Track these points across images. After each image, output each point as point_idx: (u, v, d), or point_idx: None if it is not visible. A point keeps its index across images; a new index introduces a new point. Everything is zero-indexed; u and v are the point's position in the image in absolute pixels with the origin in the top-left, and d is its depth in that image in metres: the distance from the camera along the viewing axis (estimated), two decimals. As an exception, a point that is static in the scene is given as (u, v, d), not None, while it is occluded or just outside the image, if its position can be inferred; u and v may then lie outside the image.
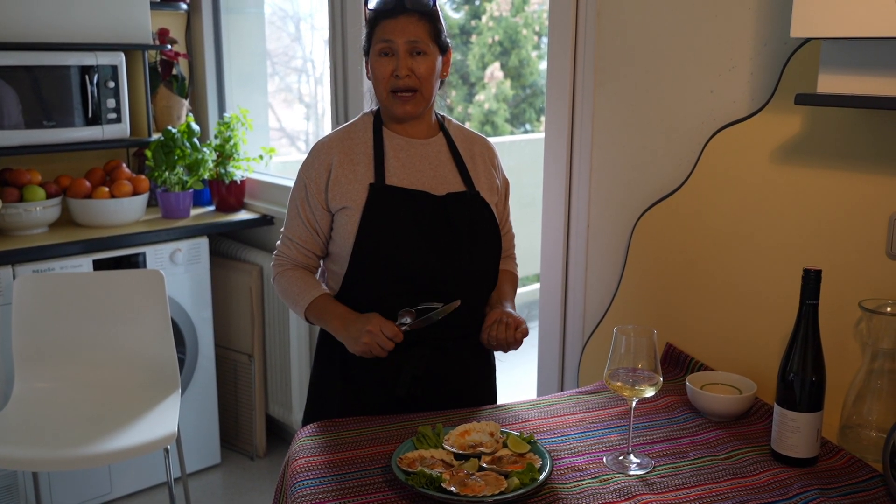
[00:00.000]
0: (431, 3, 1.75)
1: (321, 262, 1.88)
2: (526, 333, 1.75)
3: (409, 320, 1.68)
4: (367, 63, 1.80)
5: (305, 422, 1.86)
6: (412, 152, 1.80)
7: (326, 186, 1.76)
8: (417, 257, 1.72)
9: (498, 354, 1.91)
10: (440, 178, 1.79)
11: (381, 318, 1.67)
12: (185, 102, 3.50)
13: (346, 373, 1.81)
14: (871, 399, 1.57)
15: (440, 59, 1.77)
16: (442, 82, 1.84)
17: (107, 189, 3.08)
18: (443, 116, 1.90)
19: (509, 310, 1.79)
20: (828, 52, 1.54)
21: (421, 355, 1.76)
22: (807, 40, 1.68)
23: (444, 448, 1.51)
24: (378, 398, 1.78)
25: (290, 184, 1.84)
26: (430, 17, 1.74)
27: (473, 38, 8.42)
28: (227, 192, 3.37)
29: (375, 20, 1.75)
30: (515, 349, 1.77)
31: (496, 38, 8.29)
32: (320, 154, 1.79)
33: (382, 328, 1.64)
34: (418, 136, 1.82)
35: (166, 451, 2.45)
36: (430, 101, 1.79)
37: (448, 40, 1.80)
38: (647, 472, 1.49)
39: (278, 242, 1.86)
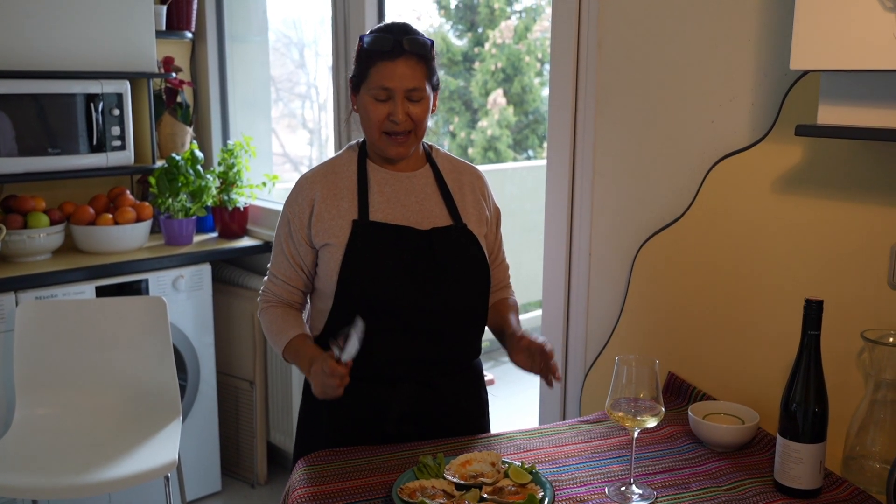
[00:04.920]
0: (430, 44, 1.71)
1: (307, 299, 1.85)
2: (552, 355, 1.68)
3: (337, 351, 1.56)
4: (352, 94, 1.76)
5: (295, 458, 1.83)
6: (397, 186, 1.76)
7: (309, 222, 1.73)
8: (401, 294, 1.69)
9: (492, 389, 1.88)
10: (426, 211, 1.76)
11: (323, 357, 1.58)
12: (189, 130, 3.53)
13: (332, 410, 1.77)
14: (875, 430, 1.57)
15: (432, 96, 1.74)
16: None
17: (110, 216, 3.10)
18: (430, 146, 1.87)
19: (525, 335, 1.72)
20: (828, 83, 1.55)
21: (408, 393, 1.74)
22: (807, 72, 1.69)
23: (445, 478, 1.51)
24: (366, 436, 1.74)
25: (293, 211, 1.84)
26: (428, 61, 1.70)
27: (476, 65, 8.48)
28: (230, 219, 3.39)
29: (371, 59, 1.68)
30: (558, 377, 1.68)
31: (499, 64, 8.34)
32: (303, 189, 1.76)
33: (323, 368, 1.56)
34: (404, 169, 1.79)
35: (167, 478, 2.44)
36: (421, 140, 1.76)
37: (439, 78, 1.76)
38: (650, 503, 1.49)
39: (265, 278, 1.84)
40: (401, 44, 1.66)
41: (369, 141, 1.76)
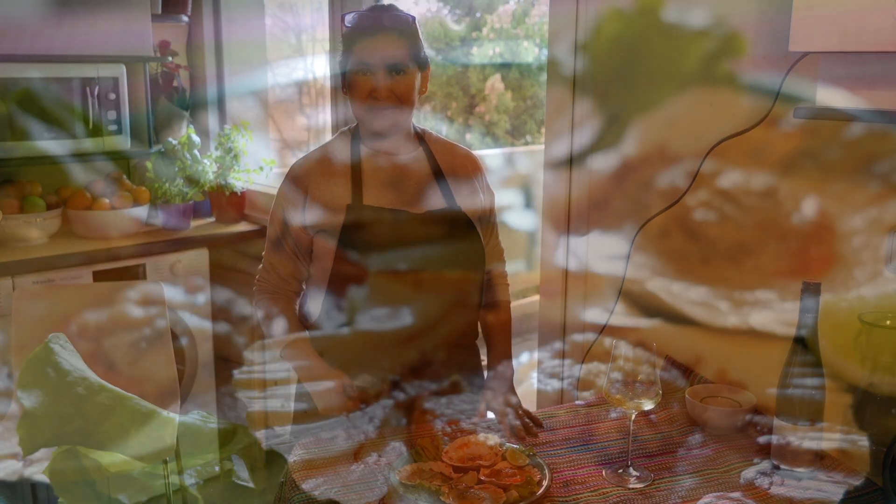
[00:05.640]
0: (411, 20, 1.72)
1: (302, 286, 1.84)
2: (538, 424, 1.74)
3: (363, 381, 1.69)
4: (343, 79, 1.76)
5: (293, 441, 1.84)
6: (391, 170, 1.76)
7: (304, 209, 1.74)
8: (396, 278, 1.70)
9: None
10: (419, 194, 1.76)
11: (347, 379, 1.69)
12: (186, 114, 3.51)
13: None
14: (871, 413, 1.57)
15: (419, 75, 1.74)
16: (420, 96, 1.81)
17: (107, 201, 3.09)
18: (423, 130, 1.86)
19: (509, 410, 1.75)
20: (826, 66, 1.54)
21: (405, 377, 1.74)
22: (806, 53, 1.68)
23: (442, 461, 1.51)
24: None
25: (291, 195, 1.82)
26: (409, 36, 1.70)
27: (474, 50, 8.44)
28: (228, 204, 3.38)
29: (353, 38, 1.71)
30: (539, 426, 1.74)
31: (497, 49, 8.31)
32: (297, 176, 1.76)
33: (346, 390, 1.67)
34: (397, 152, 1.79)
35: (165, 462, 2.44)
36: (409, 116, 1.76)
37: (427, 57, 1.76)
38: (647, 486, 1.49)
39: (260, 267, 1.82)
40: (381, 20, 1.69)
41: (357, 118, 1.76)
